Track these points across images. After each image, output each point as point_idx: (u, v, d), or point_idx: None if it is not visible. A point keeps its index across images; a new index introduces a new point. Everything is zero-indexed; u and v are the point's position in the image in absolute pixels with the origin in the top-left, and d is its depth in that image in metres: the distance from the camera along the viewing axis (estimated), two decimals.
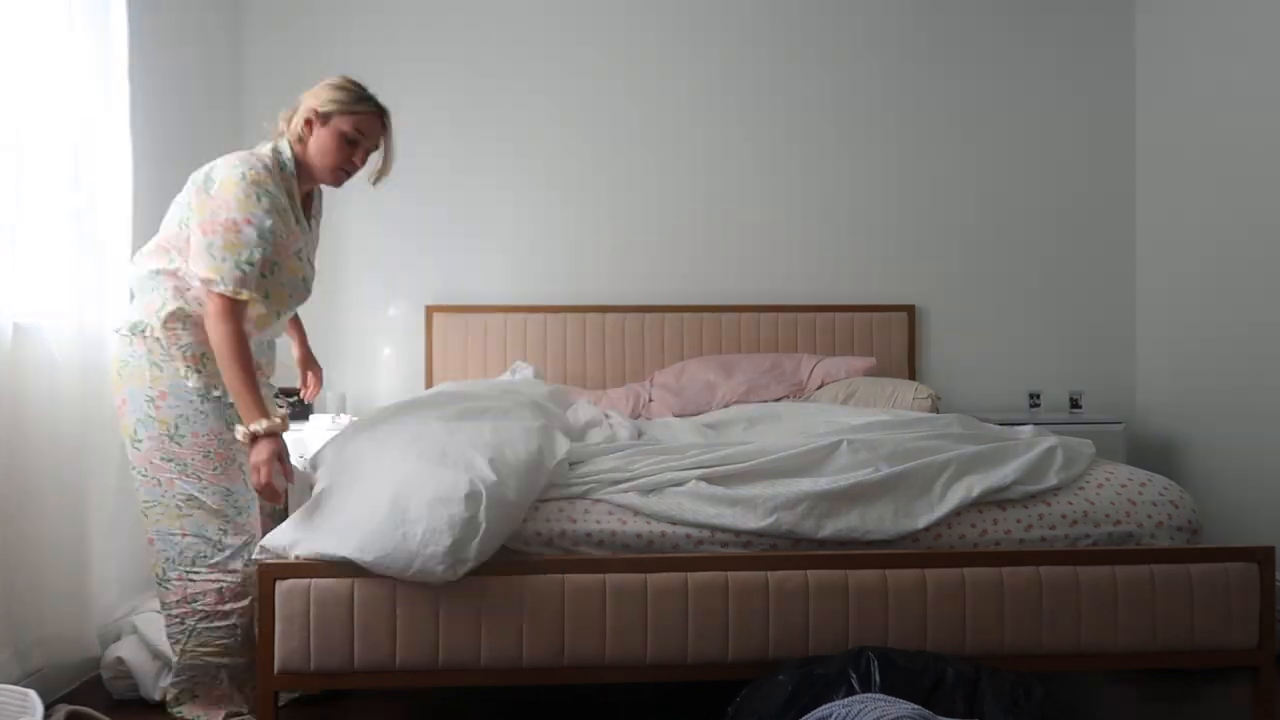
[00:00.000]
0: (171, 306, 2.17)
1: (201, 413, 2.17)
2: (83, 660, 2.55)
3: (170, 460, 2.16)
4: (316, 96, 2.27)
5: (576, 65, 4.08)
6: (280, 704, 2.12)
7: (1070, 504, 2.21)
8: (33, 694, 1.75)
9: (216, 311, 2.10)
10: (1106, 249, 4.16)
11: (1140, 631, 2.09)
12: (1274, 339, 3.31)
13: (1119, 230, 4.16)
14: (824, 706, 1.75)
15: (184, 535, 2.17)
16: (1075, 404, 3.95)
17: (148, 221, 3.06)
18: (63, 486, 2.45)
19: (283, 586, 1.98)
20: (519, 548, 2.07)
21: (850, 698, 1.76)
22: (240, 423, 2.10)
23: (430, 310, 3.93)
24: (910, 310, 4.08)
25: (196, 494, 2.16)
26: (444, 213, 4.03)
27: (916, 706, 1.68)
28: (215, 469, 2.18)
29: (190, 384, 2.17)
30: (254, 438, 2.06)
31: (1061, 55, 4.15)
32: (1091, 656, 2.10)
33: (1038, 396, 3.98)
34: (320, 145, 2.26)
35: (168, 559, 2.19)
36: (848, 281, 4.11)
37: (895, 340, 4.04)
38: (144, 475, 2.18)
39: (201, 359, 2.18)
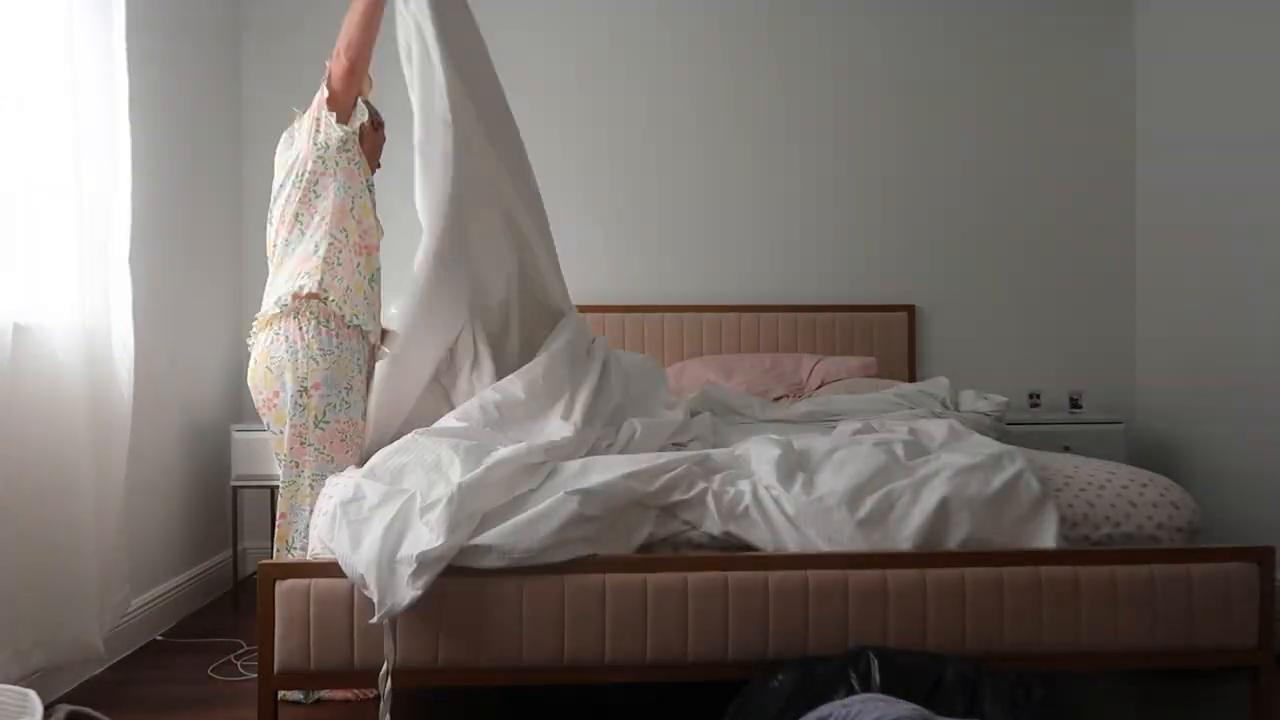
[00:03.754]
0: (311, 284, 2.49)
1: (346, 403, 2.48)
2: (83, 660, 2.55)
3: (308, 445, 2.46)
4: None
5: (575, 66, 4.08)
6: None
7: (1071, 505, 2.21)
8: (33, 694, 1.75)
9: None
10: (1106, 249, 4.16)
11: (1140, 631, 2.09)
12: (1274, 339, 3.31)
13: (1119, 230, 4.16)
14: (824, 706, 1.75)
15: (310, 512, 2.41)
16: (1075, 404, 3.95)
17: (148, 220, 3.07)
18: (63, 486, 2.44)
19: (282, 586, 1.98)
20: None
21: (850, 698, 1.76)
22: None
23: None
24: (910, 310, 4.08)
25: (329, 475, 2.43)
26: None
27: (916, 706, 1.68)
28: (347, 453, 2.49)
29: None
30: None
31: (1062, 55, 4.15)
32: (1091, 656, 2.10)
33: (1038, 396, 3.98)
34: None
35: (295, 531, 2.47)
36: (848, 281, 4.11)
37: (895, 340, 4.04)
38: (284, 459, 2.49)
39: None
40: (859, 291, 4.11)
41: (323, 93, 2.59)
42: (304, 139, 2.60)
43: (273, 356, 2.49)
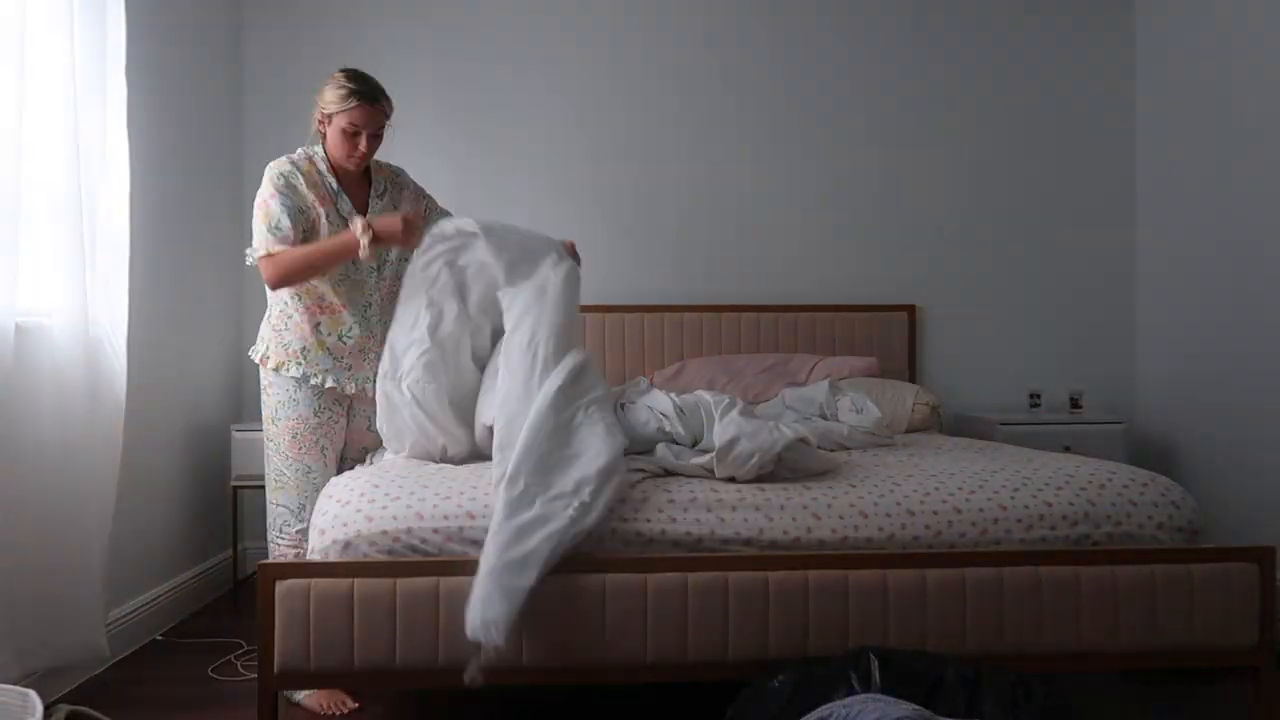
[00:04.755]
0: (274, 313, 2.64)
1: (295, 400, 2.59)
2: (83, 660, 2.55)
3: (269, 440, 2.64)
4: (323, 97, 2.57)
5: (575, 65, 4.08)
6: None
7: (1071, 504, 2.21)
8: (33, 694, 1.75)
9: (265, 271, 2.50)
10: (1106, 249, 4.17)
11: (1140, 631, 2.09)
12: (1274, 339, 3.31)
13: (1119, 230, 4.17)
14: (824, 706, 1.75)
15: (275, 505, 2.62)
16: (1075, 404, 3.95)
17: (146, 221, 3.07)
18: (64, 487, 2.44)
19: (282, 586, 1.98)
20: None
21: (850, 698, 1.76)
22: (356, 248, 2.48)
23: None
24: (910, 310, 4.08)
25: (285, 470, 2.61)
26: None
27: (916, 706, 1.68)
28: (301, 449, 2.60)
29: (291, 374, 2.58)
30: (367, 227, 2.46)
31: (1061, 54, 4.15)
32: (1091, 656, 2.10)
33: (1038, 396, 3.98)
34: (331, 140, 2.60)
35: (268, 524, 2.65)
36: (848, 281, 4.11)
37: (895, 340, 4.04)
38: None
39: (302, 352, 2.59)
40: (859, 291, 4.11)
41: (254, 251, 2.55)
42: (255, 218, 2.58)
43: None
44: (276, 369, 2.60)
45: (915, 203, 4.13)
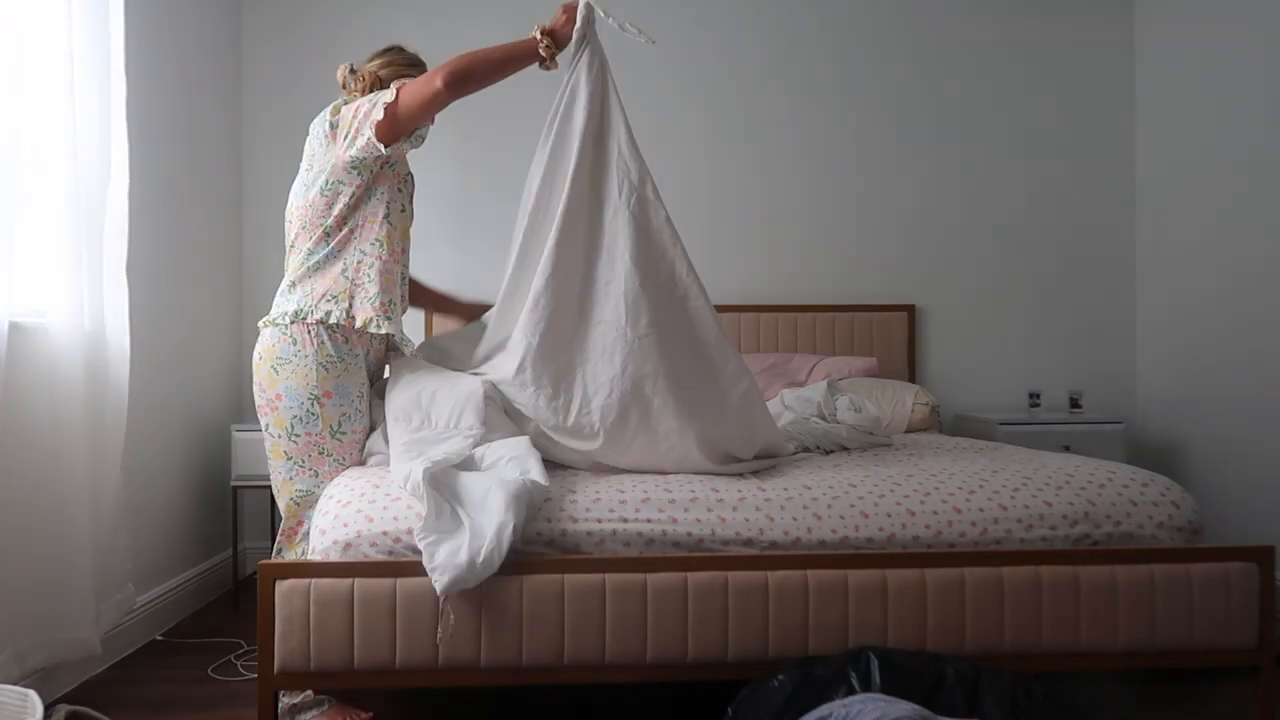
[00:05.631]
0: (351, 263, 2.36)
1: (360, 412, 2.39)
2: (83, 660, 2.55)
3: (327, 455, 2.36)
4: (398, 65, 2.51)
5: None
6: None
7: (1071, 504, 2.21)
8: (33, 694, 1.75)
9: (437, 79, 2.27)
10: (1107, 249, 4.17)
11: (1140, 631, 2.09)
12: (1274, 339, 3.31)
13: (1119, 230, 4.17)
14: (824, 706, 1.75)
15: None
16: (1075, 404, 3.95)
17: (145, 219, 3.07)
18: (62, 486, 2.45)
19: (282, 586, 1.98)
20: (519, 548, 2.07)
21: (850, 698, 1.76)
22: None
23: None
24: (910, 310, 4.09)
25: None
26: (445, 213, 4.03)
27: (916, 706, 1.68)
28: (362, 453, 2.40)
29: (382, 329, 2.34)
30: (545, 32, 2.55)
31: (1061, 56, 4.15)
32: (1091, 656, 2.10)
33: (1038, 396, 3.98)
34: None
35: (303, 533, 2.37)
36: (848, 281, 4.11)
37: (895, 340, 4.04)
38: (301, 466, 2.36)
39: (389, 305, 2.37)
40: (859, 291, 4.11)
41: (378, 110, 2.28)
42: (341, 146, 2.34)
43: (279, 356, 2.32)
44: (364, 326, 2.32)
45: (915, 203, 4.13)
